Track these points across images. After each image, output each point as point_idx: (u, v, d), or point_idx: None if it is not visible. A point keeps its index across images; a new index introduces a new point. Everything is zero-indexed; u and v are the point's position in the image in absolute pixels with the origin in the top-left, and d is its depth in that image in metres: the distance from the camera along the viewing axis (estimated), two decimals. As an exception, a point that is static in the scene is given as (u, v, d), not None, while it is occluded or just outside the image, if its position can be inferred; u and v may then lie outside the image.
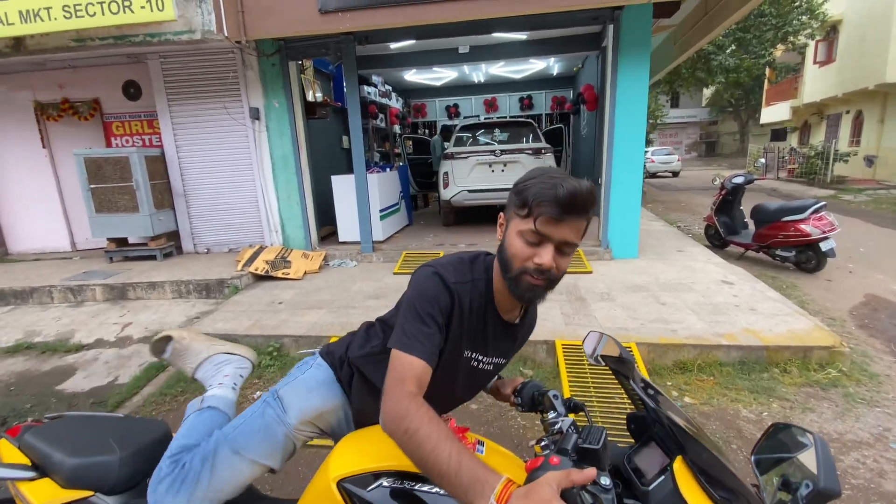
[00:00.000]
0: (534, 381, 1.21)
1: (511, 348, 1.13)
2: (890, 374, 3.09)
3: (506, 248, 0.92)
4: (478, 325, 1.01)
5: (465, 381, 1.10)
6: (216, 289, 4.80)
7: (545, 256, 0.86)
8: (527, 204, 0.86)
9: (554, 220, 0.84)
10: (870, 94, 13.27)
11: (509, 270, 0.91)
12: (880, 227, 7.95)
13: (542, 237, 0.86)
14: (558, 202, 0.83)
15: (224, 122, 5.65)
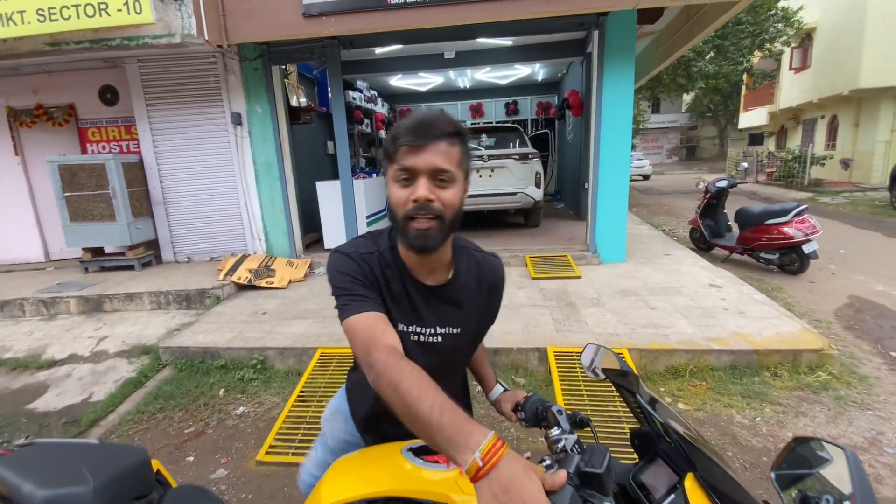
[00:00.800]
0: (537, 395, 1.14)
1: (458, 314, 1.00)
2: (879, 377, 3.12)
3: (389, 201, 0.89)
4: (399, 296, 0.96)
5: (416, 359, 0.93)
6: (197, 299, 4.65)
7: (419, 189, 0.83)
8: (389, 149, 0.87)
9: (412, 148, 0.82)
10: (844, 99, 13.66)
11: (397, 222, 0.88)
12: (858, 228, 8.13)
13: (409, 170, 0.83)
14: (411, 130, 0.83)
15: (205, 127, 5.52)
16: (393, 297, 0.96)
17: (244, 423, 2.84)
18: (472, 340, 1.09)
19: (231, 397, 3.11)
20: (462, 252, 1.03)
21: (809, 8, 14.28)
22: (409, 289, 0.96)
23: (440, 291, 0.98)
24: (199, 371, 3.42)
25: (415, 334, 0.98)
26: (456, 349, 1.04)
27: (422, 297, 0.97)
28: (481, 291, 1.04)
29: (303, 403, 2.91)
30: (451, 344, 1.01)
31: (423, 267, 0.97)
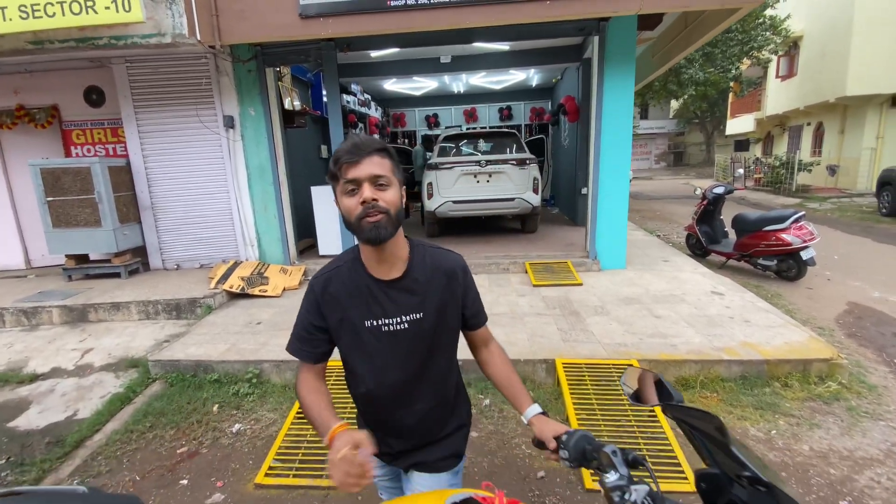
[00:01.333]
0: (581, 431, 1.02)
1: (416, 300, 1.12)
2: (887, 386, 3.08)
3: (342, 212, 1.05)
4: (361, 296, 1.10)
5: (392, 348, 1.12)
6: (187, 309, 4.48)
7: (365, 192, 1.00)
8: (334, 170, 1.03)
9: (352, 163, 1.00)
10: (830, 106, 13.91)
11: (351, 225, 1.03)
12: (848, 234, 8.22)
13: (353, 181, 1.00)
14: (349, 150, 1.01)
15: (196, 130, 5.35)
16: (353, 301, 1.11)
17: (240, 442, 2.70)
18: (438, 322, 1.15)
19: (226, 414, 2.97)
20: (418, 248, 1.16)
21: (796, 17, 14.55)
22: (371, 288, 1.11)
23: (398, 283, 1.11)
24: (191, 386, 3.26)
25: (385, 325, 1.11)
26: (424, 333, 1.13)
27: (383, 291, 1.10)
28: (437, 277, 1.14)
29: (302, 420, 2.77)
30: (417, 329, 1.12)
31: (382, 264, 1.10)
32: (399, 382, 1.15)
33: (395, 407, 1.18)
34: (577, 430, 1.03)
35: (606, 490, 0.88)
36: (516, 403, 1.19)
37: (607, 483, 0.88)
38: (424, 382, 1.18)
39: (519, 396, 1.19)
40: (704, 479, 0.90)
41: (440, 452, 1.23)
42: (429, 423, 1.22)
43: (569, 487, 2.29)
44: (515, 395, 1.20)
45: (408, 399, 1.17)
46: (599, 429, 2.61)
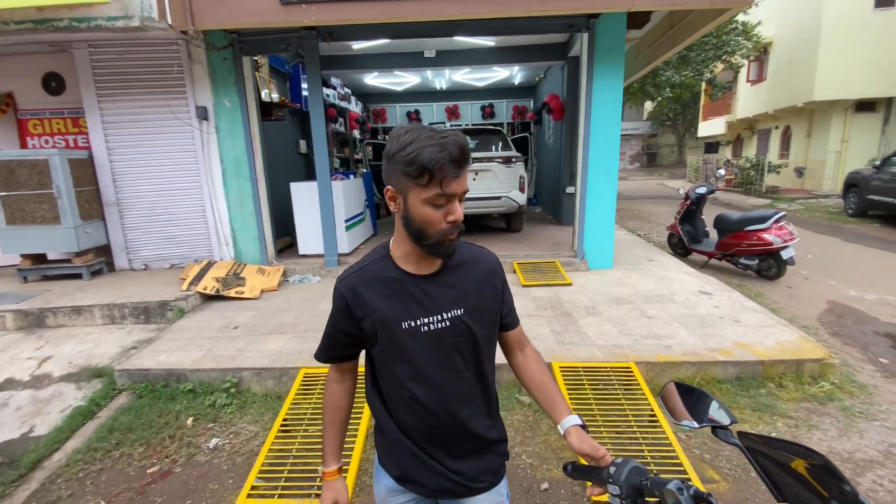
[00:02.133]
0: (631, 461, 0.88)
1: (456, 293, 1.03)
2: (877, 385, 3.11)
3: (415, 218, 0.93)
4: (395, 294, 1.01)
5: (434, 350, 1.02)
6: (157, 312, 4.19)
7: (458, 212, 0.92)
8: (425, 171, 0.88)
9: (456, 178, 0.90)
10: (798, 110, 14.40)
11: (427, 238, 0.94)
12: (819, 234, 8.48)
13: (450, 196, 0.91)
14: (455, 161, 0.88)
15: (166, 121, 5.03)
16: (387, 303, 1.00)
17: (219, 459, 2.48)
18: (480, 319, 1.05)
19: (202, 427, 2.74)
20: None
21: (767, 23, 15.00)
22: (406, 284, 1.01)
23: (436, 277, 1.02)
24: (162, 397, 3.01)
25: (424, 325, 1.01)
26: (467, 330, 1.03)
27: (419, 287, 1.01)
28: (476, 270, 1.07)
29: (287, 433, 2.58)
30: (460, 326, 1.03)
31: (423, 262, 1.02)
32: (443, 389, 1.03)
33: (442, 419, 1.05)
34: (625, 459, 0.89)
35: None
36: (552, 412, 1.07)
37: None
38: (470, 385, 1.07)
39: (555, 404, 1.07)
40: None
41: (483, 466, 1.09)
42: (475, 430, 1.08)
43: (574, 500, 2.18)
44: (551, 403, 1.08)
45: (455, 409, 1.05)
46: (601, 434, 2.52)
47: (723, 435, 0.93)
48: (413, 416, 1.04)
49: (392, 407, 1.07)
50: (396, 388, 1.04)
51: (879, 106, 13.06)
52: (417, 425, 1.04)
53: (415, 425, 1.05)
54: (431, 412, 1.03)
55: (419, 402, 1.02)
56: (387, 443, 1.09)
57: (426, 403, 1.02)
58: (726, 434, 0.93)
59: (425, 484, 1.07)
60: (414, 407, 1.03)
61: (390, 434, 1.08)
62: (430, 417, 1.03)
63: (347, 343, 1.07)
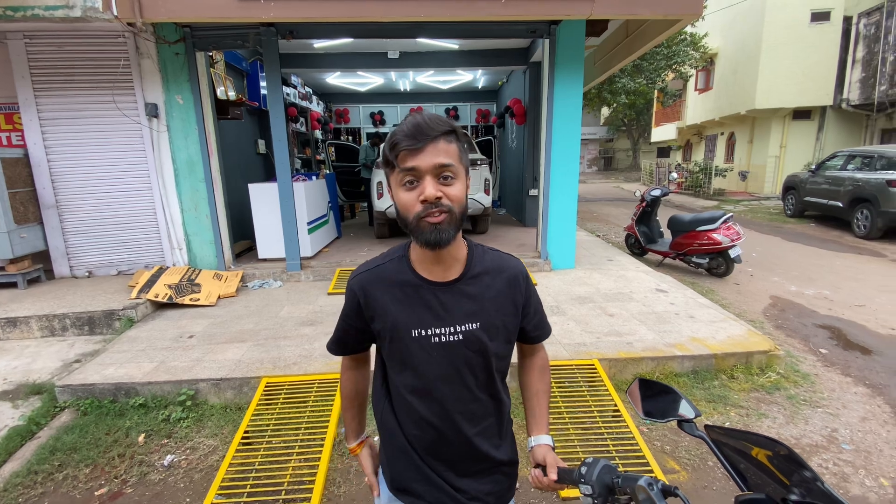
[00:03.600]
0: (602, 460, 0.88)
1: (474, 306, 0.96)
2: (818, 374, 3.34)
3: (397, 208, 0.90)
4: (408, 299, 0.95)
5: (443, 363, 0.95)
6: (103, 322, 3.92)
7: (427, 188, 0.84)
8: (389, 157, 0.87)
9: (412, 150, 0.83)
10: (741, 118, 15.35)
11: (408, 223, 0.88)
12: (761, 233, 9.05)
13: (413, 172, 0.84)
14: (407, 134, 0.84)
15: (112, 119, 4.73)
16: (397, 307, 0.95)
17: (174, 477, 2.34)
18: (496, 336, 0.98)
19: (155, 444, 2.58)
20: (476, 248, 1.01)
21: (713, 35, 15.90)
22: (421, 291, 0.95)
23: (453, 286, 0.96)
24: (110, 413, 2.81)
25: (435, 336, 0.95)
26: (480, 346, 0.96)
27: (434, 295, 0.95)
28: (497, 282, 0.99)
29: (248, 445, 2.47)
30: (473, 341, 0.95)
31: (436, 266, 0.95)
32: (446, 403, 0.97)
33: (445, 437, 0.99)
34: (595, 459, 0.89)
35: None
36: (531, 423, 1.06)
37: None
38: (481, 405, 1.00)
39: (538, 418, 1.06)
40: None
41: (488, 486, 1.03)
42: (483, 449, 1.01)
43: (544, 498, 2.21)
44: (534, 415, 1.06)
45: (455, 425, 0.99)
46: (568, 432, 2.57)
47: (688, 428, 0.96)
48: (416, 427, 0.99)
49: (398, 412, 1.02)
50: (401, 395, 0.99)
51: (814, 114, 14.12)
52: (422, 436, 0.99)
53: (419, 436, 0.99)
54: (434, 427, 0.98)
55: (421, 414, 0.97)
56: (389, 450, 1.04)
57: (429, 418, 0.97)
58: (691, 427, 0.96)
59: (424, 497, 1.01)
60: (417, 419, 0.98)
61: (394, 441, 1.02)
62: (432, 431, 0.98)
63: (359, 339, 1.06)
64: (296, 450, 2.41)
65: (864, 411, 2.88)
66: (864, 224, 8.07)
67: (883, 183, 7.59)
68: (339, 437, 2.60)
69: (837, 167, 9.11)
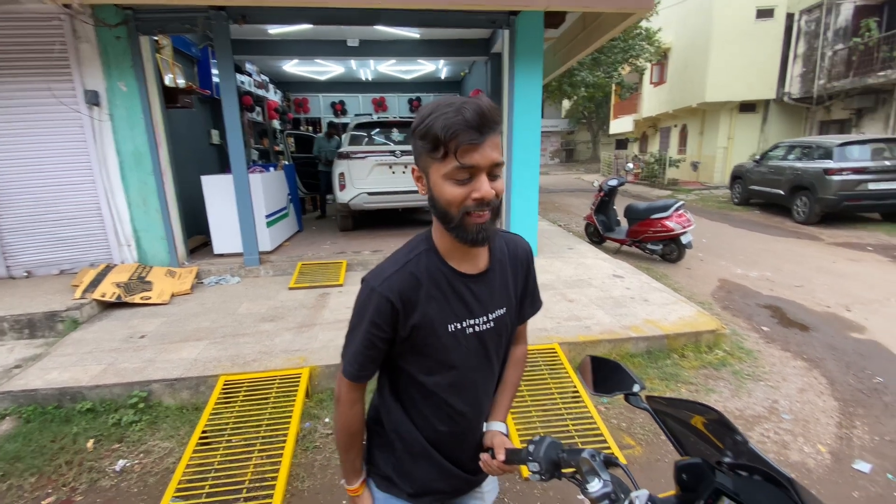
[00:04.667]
0: (548, 437, 0.90)
1: (503, 294, 0.98)
2: (761, 350, 3.57)
3: (437, 199, 0.84)
4: (443, 295, 0.91)
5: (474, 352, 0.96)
6: (45, 325, 3.68)
7: (483, 187, 0.80)
8: (440, 142, 0.78)
9: (474, 145, 0.78)
10: (692, 110, 16.04)
11: (451, 220, 0.84)
12: (711, 220, 9.53)
13: (471, 169, 0.79)
14: (471, 125, 0.77)
15: (48, 107, 4.40)
16: (433, 305, 0.91)
17: (127, 482, 2.25)
18: (515, 316, 1.04)
19: (105, 449, 2.46)
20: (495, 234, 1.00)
21: (666, 30, 16.46)
22: (455, 284, 0.92)
23: (484, 277, 0.95)
24: (55, 419, 2.66)
25: (470, 327, 0.94)
26: (506, 329, 1.01)
27: (468, 287, 0.93)
28: (516, 265, 1.02)
29: (207, 445, 2.40)
30: (501, 325, 0.99)
31: (468, 257, 0.93)
32: (477, 390, 0.99)
33: (472, 425, 1.00)
34: (542, 437, 0.92)
35: (594, 501, 0.80)
36: (492, 409, 1.07)
37: (593, 493, 0.80)
38: (494, 380, 1.04)
39: (499, 407, 1.08)
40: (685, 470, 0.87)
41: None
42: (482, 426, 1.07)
43: (507, 478, 2.26)
44: (497, 403, 1.08)
45: (481, 408, 1.02)
46: (531, 414, 2.64)
47: (634, 401, 1.01)
48: (445, 423, 0.97)
49: (416, 416, 0.98)
50: (428, 394, 0.95)
51: (759, 107, 14.93)
52: (449, 431, 0.98)
53: (446, 432, 0.98)
54: (467, 417, 0.98)
55: (456, 408, 0.96)
56: (406, 459, 1.01)
57: (463, 409, 0.97)
58: (637, 400, 1.01)
59: (445, 490, 1.03)
60: (449, 414, 0.97)
61: (413, 447, 0.99)
62: (463, 422, 0.99)
63: (384, 353, 0.94)
64: (257, 447, 2.37)
65: (802, 383, 3.11)
66: (803, 210, 8.63)
67: (820, 171, 8.13)
68: (303, 432, 2.56)
69: (779, 157, 9.68)
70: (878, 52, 10.75)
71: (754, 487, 0.78)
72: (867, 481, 2.21)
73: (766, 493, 0.75)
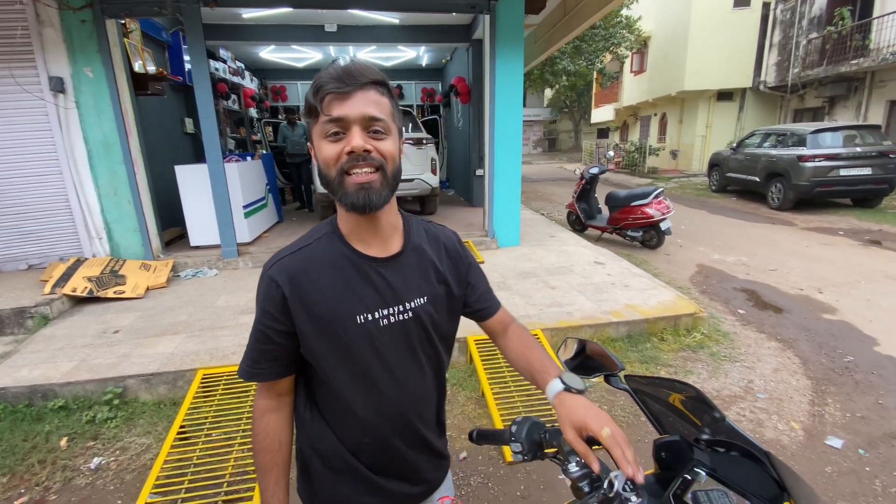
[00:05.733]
0: (531, 418, 0.89)
1: (421, 282, 0.88)
2: (737, 332, 3.66)
3: (319, 164, 0.79)
4: (347, 281, 0.82)
5: (393, 348, 0.86)
6: (13, 322, 3.54)
7: (354, 139, 0.74)
8: (313, 103, 0.76)
9: (339, 95, 0.74)
10: (672, 99, 16.22)
11: (331, 182, 0.77)
12: (690, 208, 9.69)
13: (339, 121, 0.74)
14: (336, 77, 0.74)
15: (12, 94, 4.18)
16: (334, 292, 0.81)
17: (103, 479, 2.19)
18: (443, 308, 0.92)
19: (79, 447, 2.39)
20: (410, 219, 0.93)
21: (646, 19, 16.54)
22: (362, 268, 0.83)
23: (396, 260, 0.86)
24: (26, 418, 2.56)
25: (384, 318, 0.84)
26: (430, 322, 0.89)
27: (377, 272, 0.84)
28: (439, 251, 0.93)
29: (185, 440, 2.34)
30: (423, 317, 0.88)
31: (375, 237, 0.84)
32: (402, 396, 0.88)
33: (395, 431, 0.90)
34: (524, 417, 0.90)
35: (574, 480, 0.80)
36: (537, 381, 0.91)
37: (574, 473, 0.80)
38: (427, 391, 0.93)
39: (535, 373, 0.92)
40: (664, 448, 0.88)
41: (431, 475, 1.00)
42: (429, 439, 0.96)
43: (491, 464, 2.28)
44: (535, 374, 0.92)
45: (412, 417, 0.91)
46: (513, 399, 2.65)
47: (614, 382, 1.01)
48: (368, 431, 0.87)
49: (337, 426, 0.88)
50: (342, 399, 0.85)
51: (736, 95, 15.16)
52: (375, 440, 0.88)
53: (368, 443, 0.88)
54: (388, 423, 0.88)
55: (371, 414, 0.86)
56: (327, 477, 0.90)
57: (384, 412, 0.87)
58: (616, 381, 1.01)
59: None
60: (372, 419, 0.87)
61: (334, 463, 0.89)
62: (391, 427, 0.89)
63: (285, 351, 0.83)
64: (237, 440, 2.32)
65: (776, 363, 3.20)
66: (777, 196, 8.84)
67: (794, 158, 8.33)
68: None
69: (755, 145, 9.87)
70: (850, 40, 11.00)
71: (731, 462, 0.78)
72: (839, 457, 2.29)
73: (743, 467, 0.76)
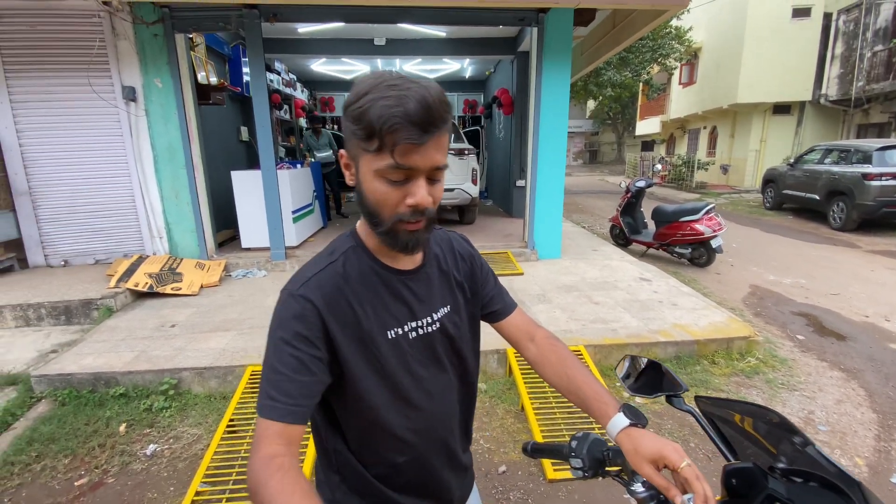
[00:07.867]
0: (592, 434, 0.86)
1: (445, 291, 0.86)
2: (795, 359, 3.44)
3: (366, 196, 0.71)
4: (377, 296, 0.78)
5: (423, 361, 0.83)
6: (81, 312, 3.81)
7: (419, 193, 0.68)
8: (374, 133, 0.65)
9: (415, 145, 0.65)
10: (723, 112, 15.60)
11: (380, 223, 0.72)
12: (742, 225, 9.24)
13: (408, 171, 0.67)
14: (413, 121, 0.63)
15: (88, 102, 4.56)
16: (366, 309, 0.77)
17: (157, 466, 2.30)
18: (466, 315, 0.90)
19: (137, 433, 2.53)
20: None
21: (697, 29, 16.06)
22: (390, 282, 0.80)
23: (421, 273, 0.84)
24: (89, 403, 2.75)
25: (412, 331, 0.81)
26: (456, 330, 0.87)
27: (405, 285, 0.81)
28: (456, 258, 0.91)
29: (234, 433, 2.44)
30: (450, 325, 0.86)
31: (400, 255, 0.80)
32: (433, 409, 0.85)
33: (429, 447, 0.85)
34: (585, 433, 0.87)
35: (641, 501, 0.77)
36: (591, 411, 0.84)
37: (640, 494, 0.77)
38: (458, 397, 0.90)
39: (592, 404, 0.84)
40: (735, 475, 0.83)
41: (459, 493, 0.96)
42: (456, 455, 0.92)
43: (531, 480, 2.23)
44: (587, 402, 0.85)
45: (444, 432, 0.87)
46: (554, 415, 2.60)
47: (676, 403, 0.97)
48: (402, 452, 0.82)
49: (361, 450, 0.81)
50: (379, 421, 0.78)
51: (794, 109, 14.41)
52: (407, 461, 0.83)
53: (404, 462, 0.83)
54: (423, 439, 0.84)
55: (403, 431, 0.81)
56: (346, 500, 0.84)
57: (418, 428, 0.82)
58: (679, 401, 0.97)
59: None
60: (405, 438, 0.81)
61: (353, 484, 0.83)
62: (420, 447, 0.83)
63: (321, 383, 0.71)
64: (282, 437, 2.39)
65: (839, 394, 2.98)
66: (839, 216, 8.29)
67: (859, 176, 7.80)
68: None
69: (815, 161, 9.32)
70: (923, 52, 10.24)
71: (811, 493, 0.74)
72: (912, 499, 2.10)
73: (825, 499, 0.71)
